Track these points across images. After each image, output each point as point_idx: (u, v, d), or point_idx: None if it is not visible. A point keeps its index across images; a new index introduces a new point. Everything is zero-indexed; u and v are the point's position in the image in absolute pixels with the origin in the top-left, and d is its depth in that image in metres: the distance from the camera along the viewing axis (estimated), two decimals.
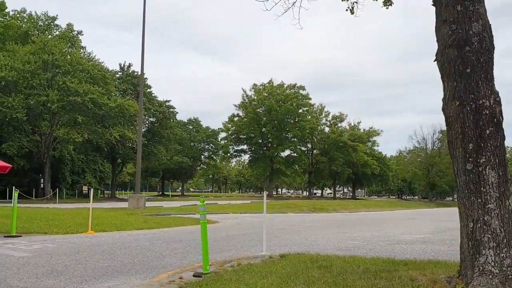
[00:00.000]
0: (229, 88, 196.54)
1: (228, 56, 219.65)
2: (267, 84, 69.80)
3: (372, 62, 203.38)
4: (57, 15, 51.76)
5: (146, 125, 50.30)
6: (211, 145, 76.59)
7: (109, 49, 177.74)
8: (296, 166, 72.89)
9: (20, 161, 40.10)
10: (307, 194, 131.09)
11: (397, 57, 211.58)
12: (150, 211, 23.21)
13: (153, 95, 51.60)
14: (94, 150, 48.74)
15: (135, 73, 49.61)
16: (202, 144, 75.74)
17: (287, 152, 70.42)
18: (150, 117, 47.63)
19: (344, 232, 14.43)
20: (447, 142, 5.82)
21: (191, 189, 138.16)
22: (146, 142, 45.03)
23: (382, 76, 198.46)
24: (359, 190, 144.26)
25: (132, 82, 47.86)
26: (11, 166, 12.61)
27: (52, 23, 53.09)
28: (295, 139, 68.70)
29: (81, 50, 43.34)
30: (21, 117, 34.81)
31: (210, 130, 76.36)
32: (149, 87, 51.34)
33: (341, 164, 71.64)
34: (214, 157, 78.49)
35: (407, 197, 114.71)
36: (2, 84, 34.65)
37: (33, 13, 52.20)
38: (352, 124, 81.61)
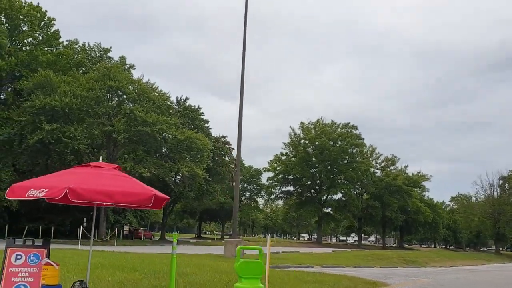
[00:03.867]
0: (250, 130, 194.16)
1: (248, 100, 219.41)
2: (316, 123, 66.44)
3: (390, 109, 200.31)
4: (110, 47, 49.49)
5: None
6: (254, 185, 72.39)
7: None
8: (346, 211, 67.73)
9: None
10: (341, 241, 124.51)
11: (414, 105, 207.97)
12: None
13: (210, 129, 48.34)
14: None
15: (192, 107, 46.77)
16: (245, 184, 71.56)
17: (338, 195, 65.98)
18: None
19: None
20: None
21: (214, 232, 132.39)
22: (208, 178, 41.27)
23: (400, 123, 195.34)
24: (387, 237, 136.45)
25: (190, 116, 44.77)
26: (168, 198, 8.80)
27: (104, 55, 51.06)
28: (346, 181, 64.25)
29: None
30: (84, 149, 31.43)
31: (253, 170, 72.43)
32: (206, 121, 48.21)
33: (395, 210, 66.66)
34: (256, 198, 74.05)
35: (452, 247, 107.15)
36: (65, 111, 31.56)
37: (86, 44, 50.43)
38: (399, 168, 77.11)
